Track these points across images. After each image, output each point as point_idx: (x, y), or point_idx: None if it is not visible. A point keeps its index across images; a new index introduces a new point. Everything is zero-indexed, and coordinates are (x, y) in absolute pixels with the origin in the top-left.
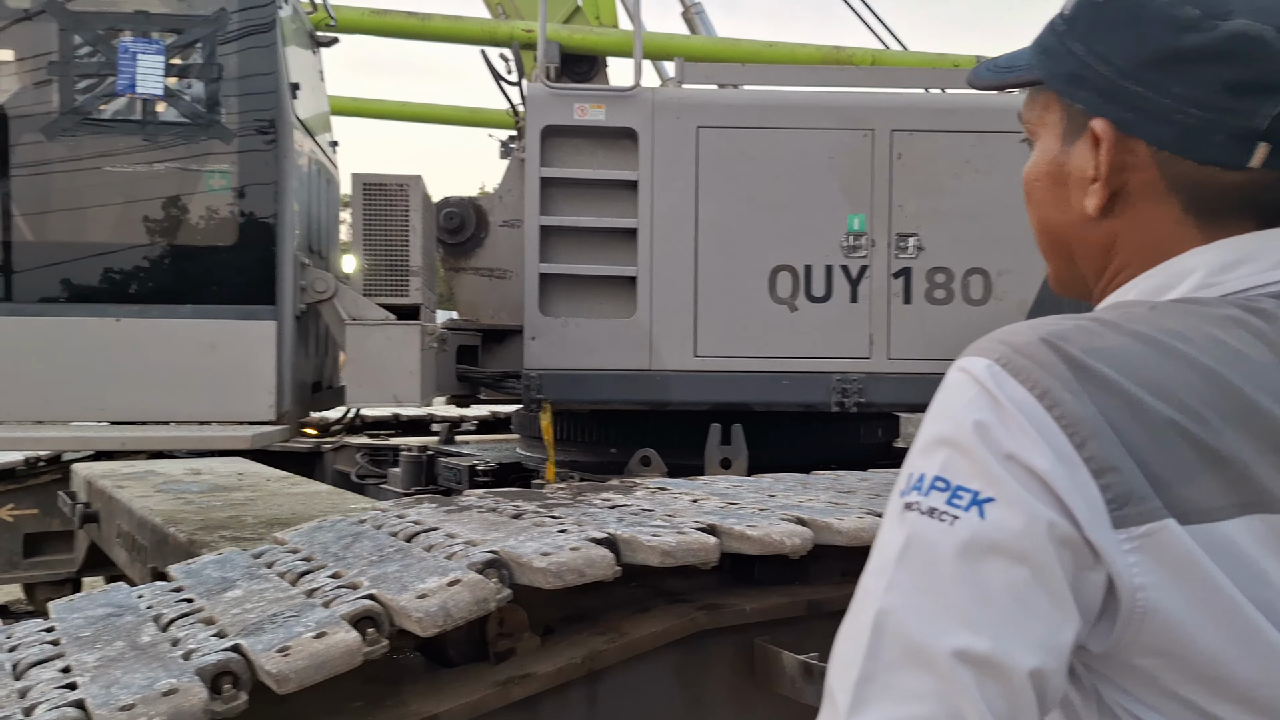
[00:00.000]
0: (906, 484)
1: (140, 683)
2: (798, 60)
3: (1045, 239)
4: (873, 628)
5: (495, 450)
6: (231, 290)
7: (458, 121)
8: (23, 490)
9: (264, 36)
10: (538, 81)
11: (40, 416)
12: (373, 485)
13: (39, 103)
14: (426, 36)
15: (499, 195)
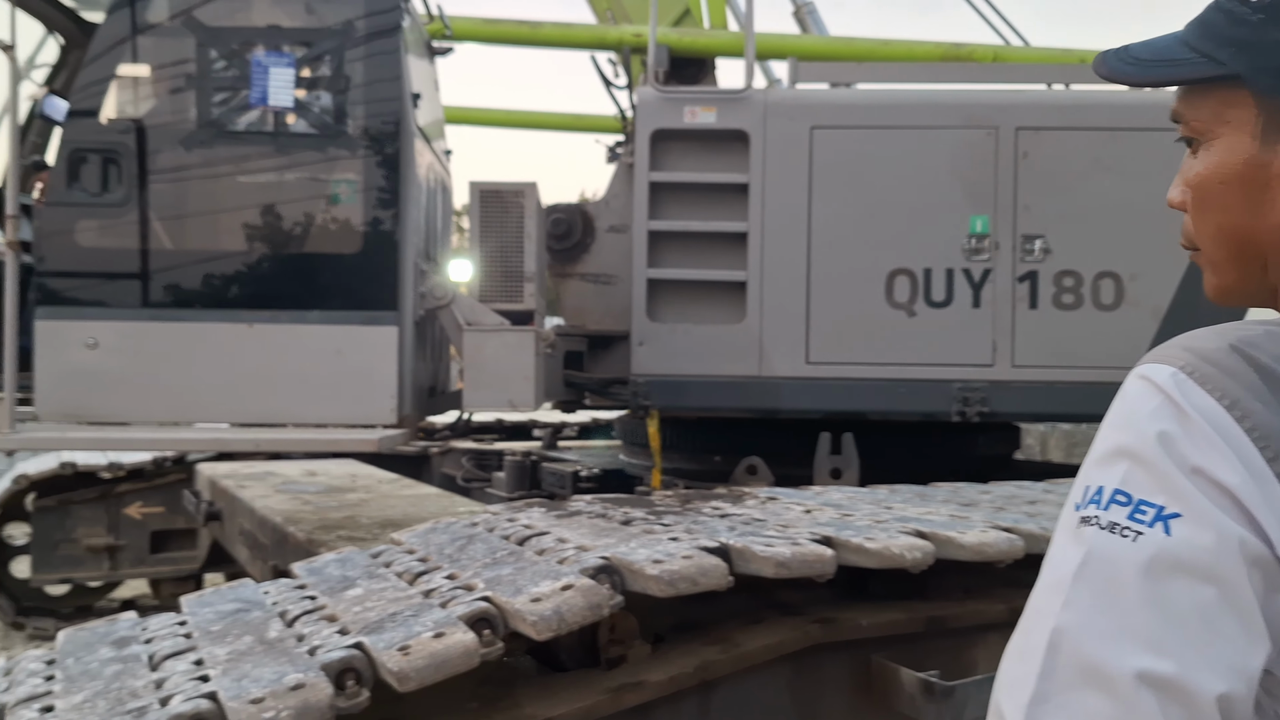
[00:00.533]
0: (1083, 497)
1: (269, 677)
2: (915, 58)
3: (1229, 246)
4: (1047, 647)
5: (597, 456)
6: (356, 297)
7: (562, 128)
8: (150, 489)
9: (388, 48)
10: (647, 85)
11: (175, 418)
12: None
13: (176, 115)
14: (537, 43)
15: (606, 201)
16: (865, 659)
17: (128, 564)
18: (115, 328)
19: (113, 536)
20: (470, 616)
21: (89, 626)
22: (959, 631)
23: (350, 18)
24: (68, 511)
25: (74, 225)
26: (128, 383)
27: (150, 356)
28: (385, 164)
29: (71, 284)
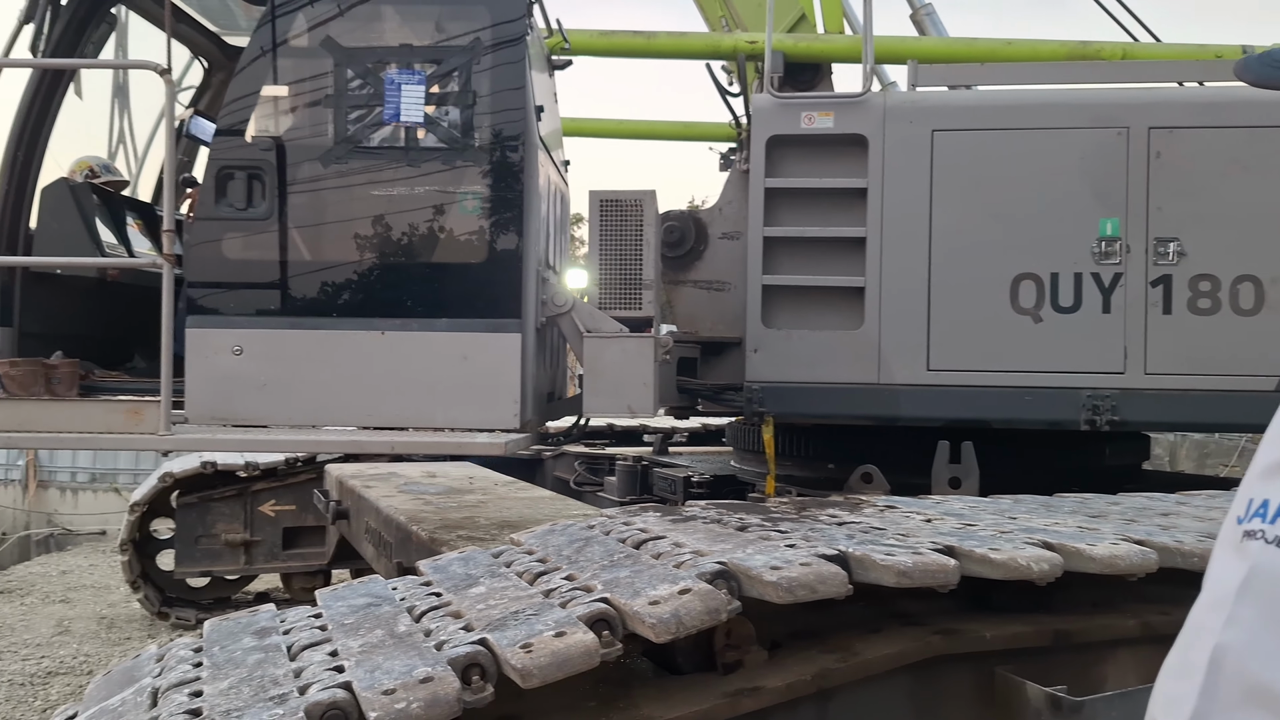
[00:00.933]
0: (1246, 510)
1: (400, 669)
2: (1039, 57)
3: None
4: (1209, 665)
5: (709, 462)
6: (482, 304)
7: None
8: (283, 488)
9: (513, 64)
10: (763, 92)
11: (311, 421)
12: (590, 492)
13: (314, 133)
14: (651, 54)
15: (719, 208)
16: (989, 672)
17: (262, 558)
18: (258, 335)
19: (248, 532)
20: (589, 617)
21: (233, 617)
22: (1087, 646)
23: (477, 35)
24: (208, 508)
25: (220, 239)
26: (268, 387)
27: (289, 362)
28: (510, 176)
29: (218, 294)
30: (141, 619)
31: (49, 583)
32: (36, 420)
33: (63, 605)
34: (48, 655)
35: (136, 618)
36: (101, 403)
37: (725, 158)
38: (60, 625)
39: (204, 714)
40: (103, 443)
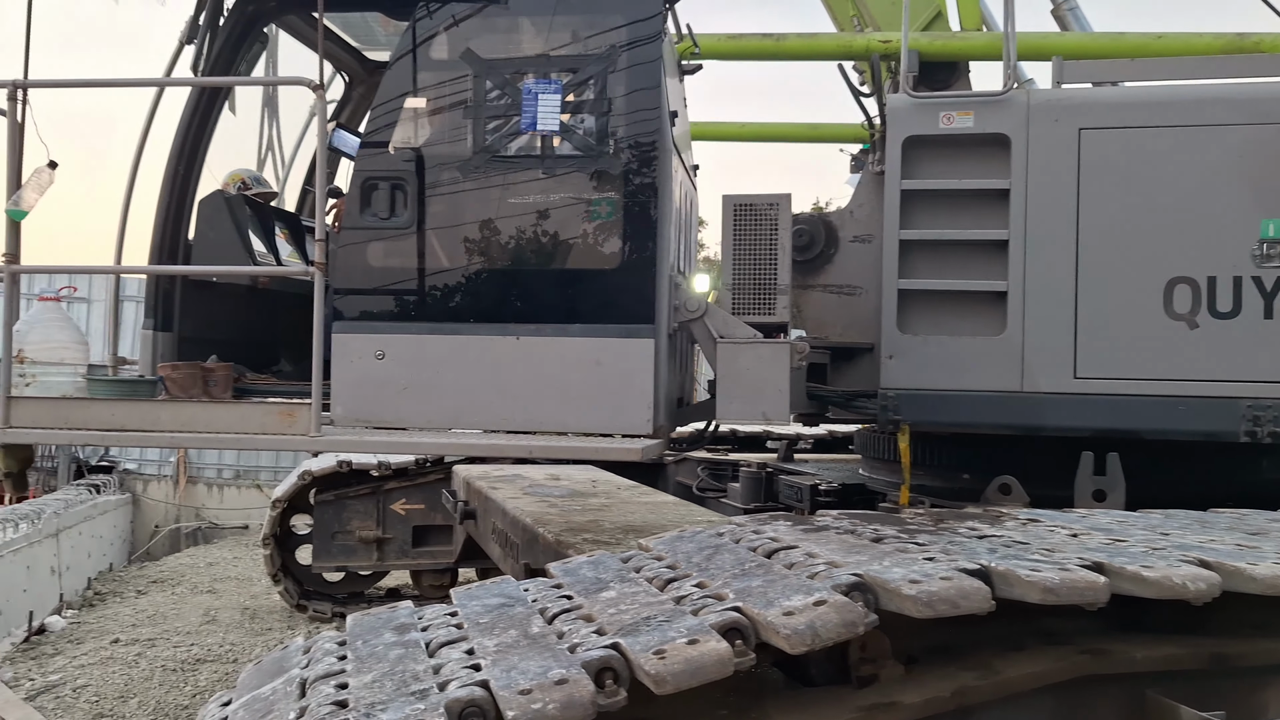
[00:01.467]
0: None
1: (535, 670)
2: (1193, 51)
3: None
4: None
5: (836, 470)
6: (616, 310)
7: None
8: (413, 487)
9: (649, 71)
10: (899, 92)
11: (449, 424)
12: (712, 498)
13: (454, 143)
14: (781, 56)
15: (849, 210)
16: (1139, 694)
17: (393, 555)
18: (399, 340)
19: (380, 529)
20: (722, 625)
21: (373, 612)
22: (1247, 671)
23: (613, 43)
24: (343, 505)
25: (365, 247)
26: (409, 390)
27: (429, 366)
28: (644, 182)
29: (362, 301)
30: (281, 610)
31: (197, 574)
32: (199, 421)
33: (209, 595)
34: (197, 643)
35: (277, 609)
36: (257, 405)
37: (857, 159)
38: (208, 614)
39: (349, 705)
40: (258, 443)
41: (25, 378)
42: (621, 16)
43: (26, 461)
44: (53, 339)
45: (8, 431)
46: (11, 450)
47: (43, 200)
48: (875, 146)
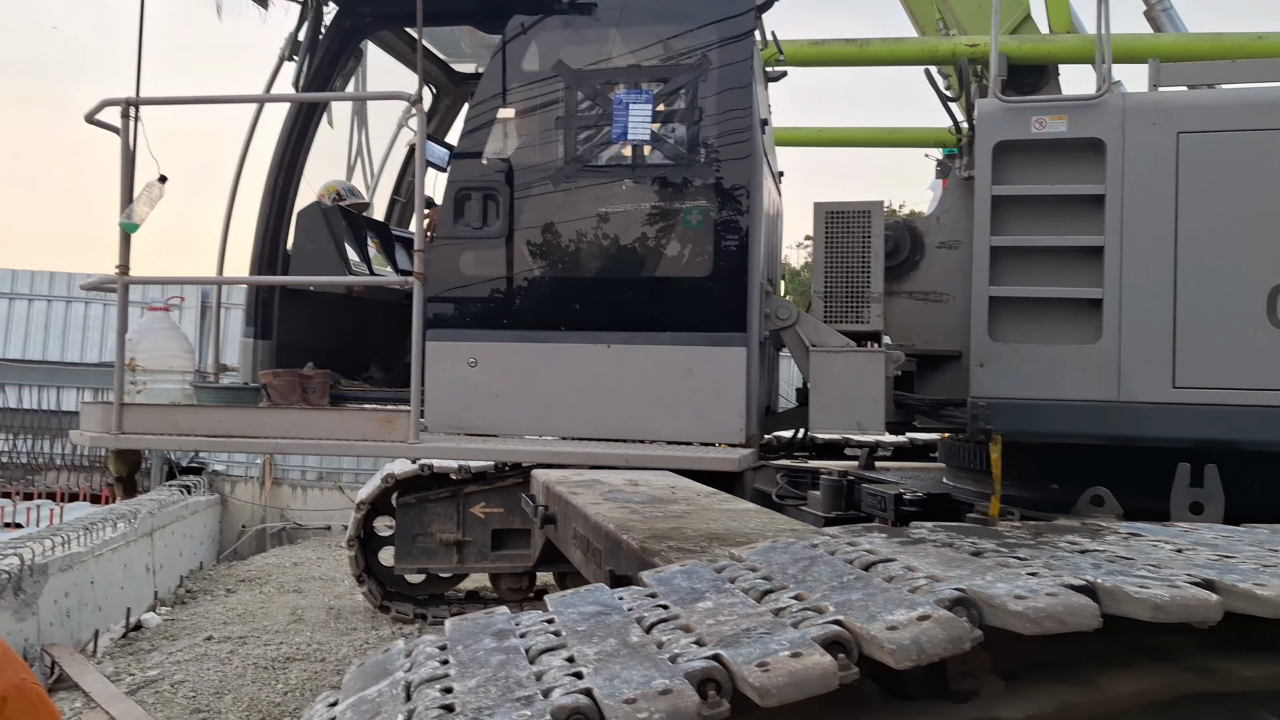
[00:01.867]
0: None
1: (638, 679)
2: None
3: None
4: None
5: (919, 479)
6: (706, 318)
7: (877, 143)
8: (492, 491)
9: (741, 80)
10: (989, 96)
11: (540, 431)
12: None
13: (546, 154)
14: (865, 62)
15: (935, 216)
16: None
17: (472, 558)
18: (491, 348)
19: (460, 532)
20: (824, 639)
21: (471, 617)
22: None
23: (705, 53)
24: (424, 508)
25: (458, 256)
26: (500, 397)
27: (520, 374)
28: (735, 190)
29: (455, 309)
30: (365, 611)
31: (283, 573)
32: (302, 427)
33: (295, 595)
34: (285, 641)
35: (360, 610)
36: (357, 412)
37: (943, 165)
38: (294, 614)
39: (456, 710)
40: (358, 449)
41: (136, 385)
42: (712, 26)
43: (135, 466)
44: (162, 347)
45: (121, 437)
46: (122, 455)
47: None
48: (963, 151)
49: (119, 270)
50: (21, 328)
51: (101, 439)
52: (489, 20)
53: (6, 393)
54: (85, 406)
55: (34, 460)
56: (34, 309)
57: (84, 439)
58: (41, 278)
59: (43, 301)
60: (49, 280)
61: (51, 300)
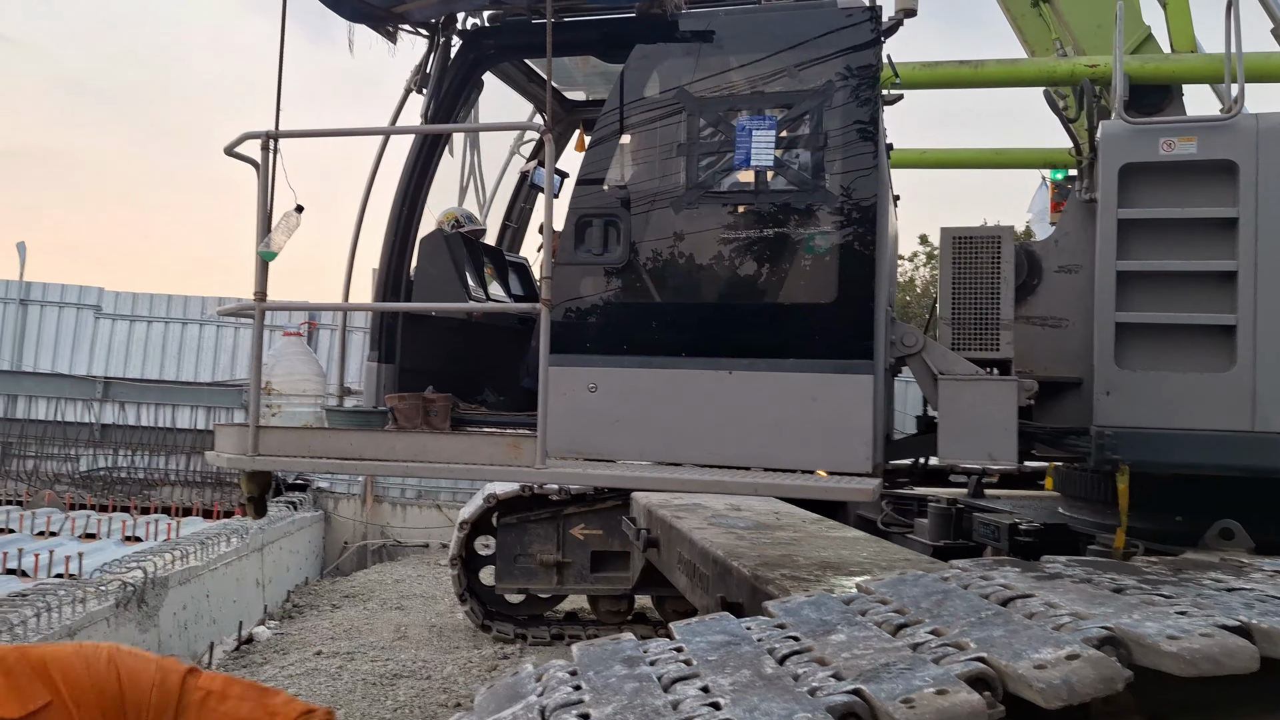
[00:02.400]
0: None
1: (779, 712)
2: None
3: None
4: None
5: (1032, 508)
6: (832, 345)
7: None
8: (591, 513)
9: (866, 105)
10: (1114, 118)
11: (660, 458)
12: (898, 534)
13: (666, 180)
14: (980, 83)
15: (1054, 239)
16: None
17: (572, 579)
18: (611, 373)
19: (560, 554)
20: (969, 676)
21: (598, 643)
22: None
23: (830, 79)
24: (525, 529)
25: (578, 282)
26: (621, 423)
27: (641, 399)
28: (860, 215)
29: (575, 334)
30: (466, 630)
31: (385, 590)
32: (430, 451)
33: (398, 612)
34: (391, 658)
35: (462, 628)
36: (485, 437)
37: (1062, 186)
38: (398, 630)
39: None
40: (486, 474)
41: (271, 408)
42: (836, 50)
43: (266, 487)
44: (296, 371)
45: (257, 459)
46: (254, 476)
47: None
48: (1082, 174)
49: (257, 297)
50: (140, 348)
51: (238, 461)
52: (610, 50)
53: (126, 410)
54: (220, 429)
55: (150, 476)
56: (152, 330)
57: (221, 460)
58: (160, 300)
59: (160, 323)
60: (166, 303)
61: (169, 322)
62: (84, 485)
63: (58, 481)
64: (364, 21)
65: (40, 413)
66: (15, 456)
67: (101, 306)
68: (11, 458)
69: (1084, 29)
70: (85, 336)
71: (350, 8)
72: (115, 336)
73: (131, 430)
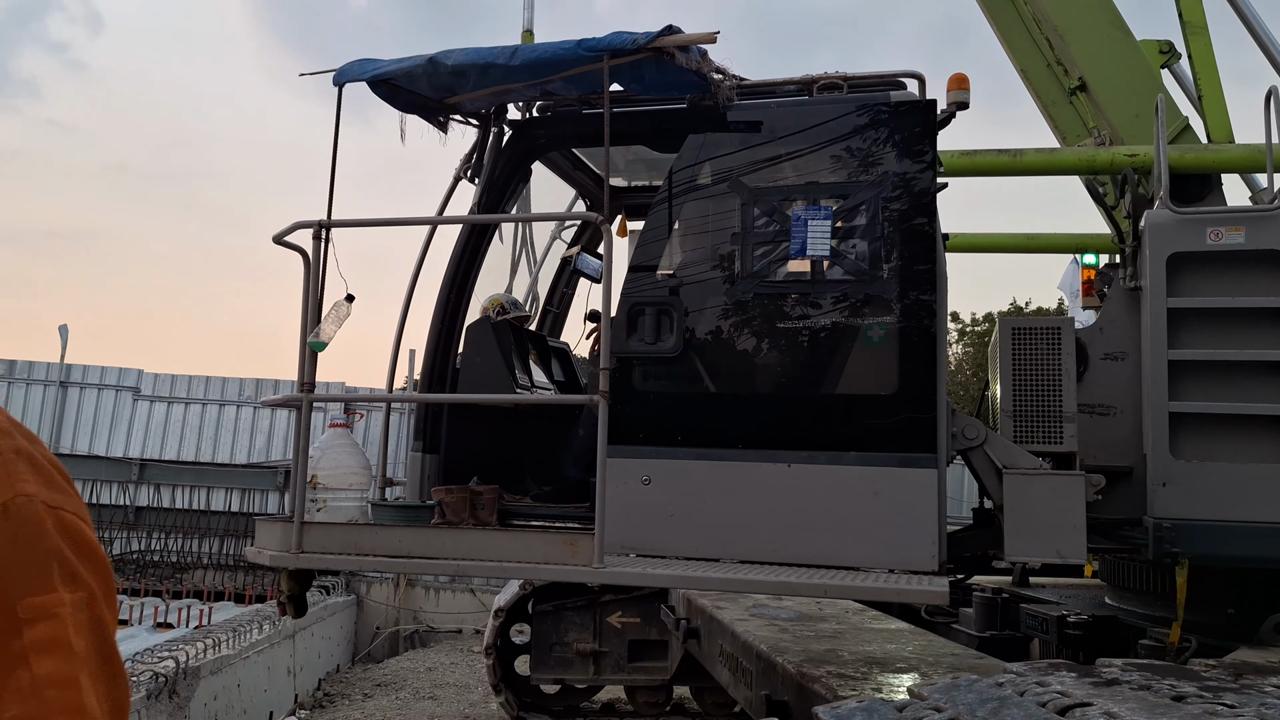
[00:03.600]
0: None
1: None
2: None
3: None
4: None
5: (1078, 598)
6: (895, 438)
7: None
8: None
9: (923, 195)
10: (1160, 207)
11: (715, 554)
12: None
13: (721, 269)
14: (1019, 172)
15: (1099, 327)
16: None
17: (609, 669)
18: (665, 465)
19: (597, 643)
20: None
21: None
22: None
23: (888, 169)
24: (561, 617)
25: (630, 371)
26: (675, 517)
27: (696, 493)
28: (920, 305)
29: (628, 424)
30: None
31: (418, 678)
32: (483, 549)
33: (431, 702)
34: None
35: (495, 719)
36: (541, 534)
37: (1103, 273)
38: None
39: None
40: (542, 573)
41: (316, 503)
42: (893, 142)
43: (308, 584)
44: (343, 465)
45: (301, 556)
46: (295, 573)
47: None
48: (1125, 261)
49: (304, 388)
50: (177, 430)
51: (281, 559)
52: (661, 139)
53: (161, 493)
54: (261, 523)
55: (183, 559)
56: (190, 411)
57: (263, 557)
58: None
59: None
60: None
61: (206, 404)
62: (116, 569)
63: None
64: (416, 112)
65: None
66: None
67: (140, 388)
68: None
69: (1122, 118)
70: (123, 418)
71: (404, 99)
72: (153, 418)
73: (165, 513)
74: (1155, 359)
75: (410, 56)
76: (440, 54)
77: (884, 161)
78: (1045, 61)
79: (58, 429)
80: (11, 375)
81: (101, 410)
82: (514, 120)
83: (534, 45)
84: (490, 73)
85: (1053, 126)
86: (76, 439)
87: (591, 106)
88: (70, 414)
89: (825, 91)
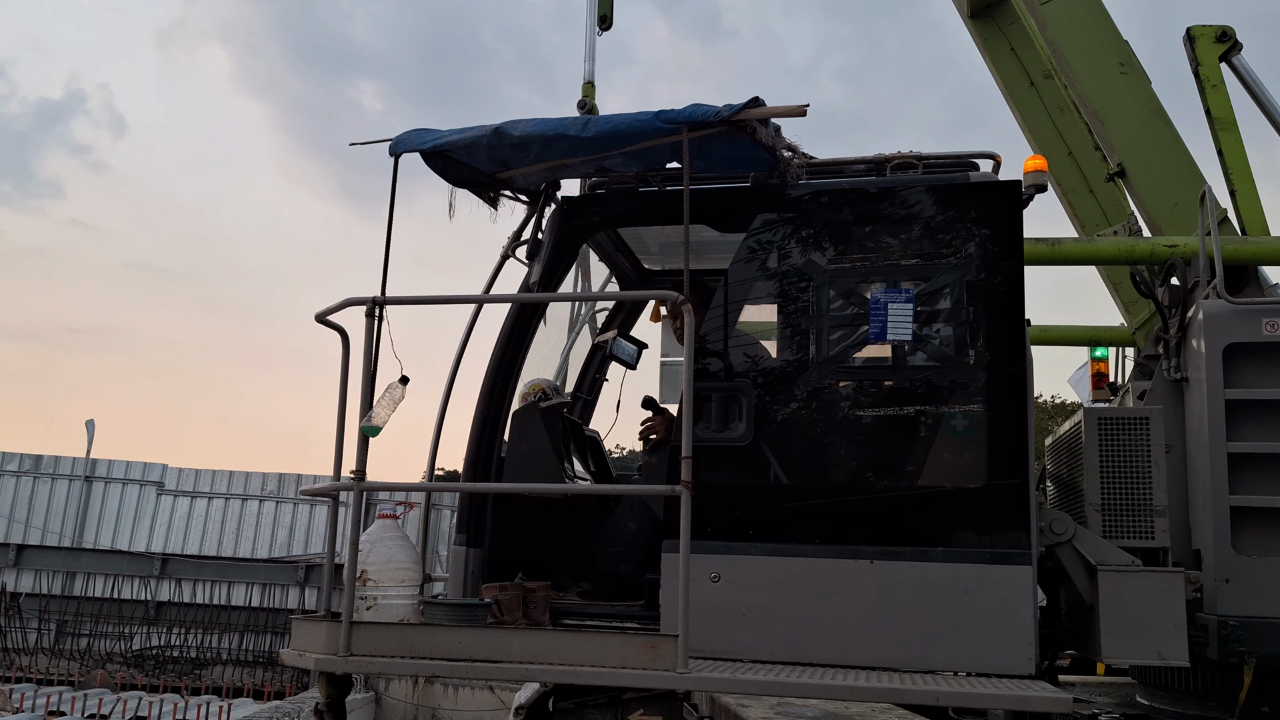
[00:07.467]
0: None
1: None
2: None
3: None
4: None
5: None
6: (985, 533)
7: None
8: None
9: (1009, 277)
10: (1214, 298)
11: (792, 656)
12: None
13: (794, 354)
14: (1057, 261)
15: None
16: None
17: None
18: (736, 561)
19: None
20: None
21: None
22: None
23: (971, 251)
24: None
25: (696, 462)
26: (748, 617)
27: (769, 591)
28: (1008, 393)
29: (696, 518)
30: None
31: None
32: (554, 651)
33: None
34: None
35: None
36: (618, 636)
37: (1143, 364)
38: None
39: None
40: (620, 678)
41: (365, 600)
42: (975, 223)
43: (347, 690)
44: (394, 559)
45: (351, 659)
46: (335, 679)
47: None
48: (1169, 352)
49: (355, 476)
50: (200, 524)
51: (329, 662)
52: (725, 219)
53: (182, 587)
54: (300, 623)
55: (203, 655)
56: (212, 506)
57: (305, 660)
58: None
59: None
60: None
61: (229, 498)
62: (136, 664)
63: (110, 660)
64: (467, 187)
65: (97, 590)
66: (70, 634)
67: (164, 483)
68: (66, 635)
69: (1160, 208)
70: (146, 513)
71: (455, 172)
72: (176, 513)
73: (186, 608)
74: (1214, 453)
75: (471, 127)
76: (507, 124)
77: (968, 244)
78: (1066, 149)
79: (81, 524)
80: (38, 470)
81: (125, 505)
82: (569, 197)
83: (608, 117)
84: (555, 145)
85: (1071, 215)
86: (100, 534)
87: (646, 183)
88: (94, 509)
89: (899, 171)
